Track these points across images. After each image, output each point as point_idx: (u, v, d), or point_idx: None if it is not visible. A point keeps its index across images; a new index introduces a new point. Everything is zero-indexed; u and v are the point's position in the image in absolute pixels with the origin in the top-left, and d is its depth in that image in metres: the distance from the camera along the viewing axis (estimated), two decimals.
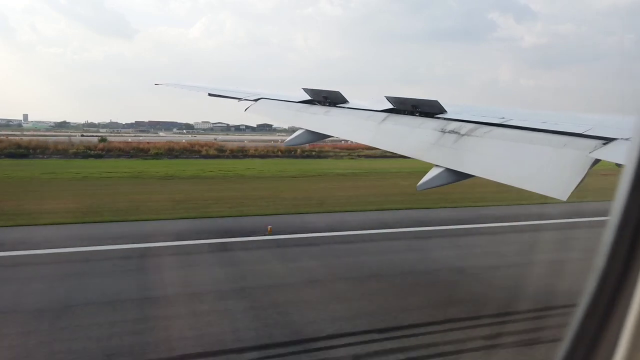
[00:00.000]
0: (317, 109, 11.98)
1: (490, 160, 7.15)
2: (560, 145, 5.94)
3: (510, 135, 7.05)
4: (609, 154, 5.33)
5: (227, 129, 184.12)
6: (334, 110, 11.47)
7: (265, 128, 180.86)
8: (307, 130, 11.41)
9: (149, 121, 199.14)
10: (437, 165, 7.80)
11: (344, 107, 11.36)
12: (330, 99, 11.75)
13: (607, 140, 5.55)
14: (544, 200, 5.95)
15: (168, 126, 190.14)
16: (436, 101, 9.02)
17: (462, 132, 7.90)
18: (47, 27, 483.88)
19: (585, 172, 5.34)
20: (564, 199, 5.34)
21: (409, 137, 9.10)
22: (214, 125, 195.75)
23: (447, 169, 7.56)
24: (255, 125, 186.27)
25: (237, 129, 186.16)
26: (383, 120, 9.93)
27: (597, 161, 5.43)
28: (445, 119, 8.55)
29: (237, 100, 14.18)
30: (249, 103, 13.63)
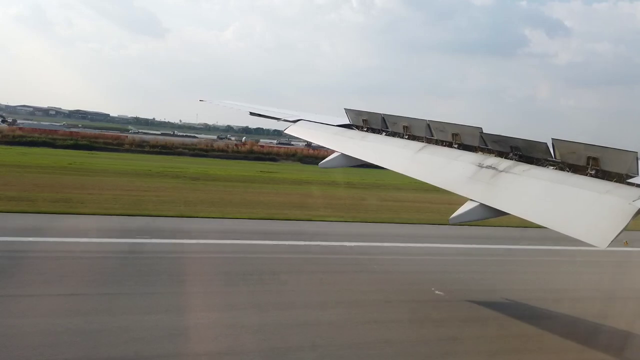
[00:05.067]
0: (354, 133, 12.08)
1: (529, 200, 7.01)
2: (603, 191, 5.76)
3: (550, 176, 6.89)
4: None
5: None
6: (370, 136, 11.53)
7: (77, 114, 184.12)
8: (343, 154, 11.51)
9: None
10: (471, 200, 7.69)
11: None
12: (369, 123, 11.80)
13: None
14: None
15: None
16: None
17: (500, 168, 7.78)
18: (82, 23, 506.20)
19: (628, 221, 5.16)
20: (603, 247, 5.17)
21: (445, 169, 9.02)
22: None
23: (482, 205, 7.45)
24: (67, 111, 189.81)
25: (46, 113, 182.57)
26: (420, 149, 9.90)
27: None
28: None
29: (276, 120, 14.51)
30: (288, 124, 13.91)
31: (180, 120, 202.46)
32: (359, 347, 9.17)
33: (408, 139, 10.50)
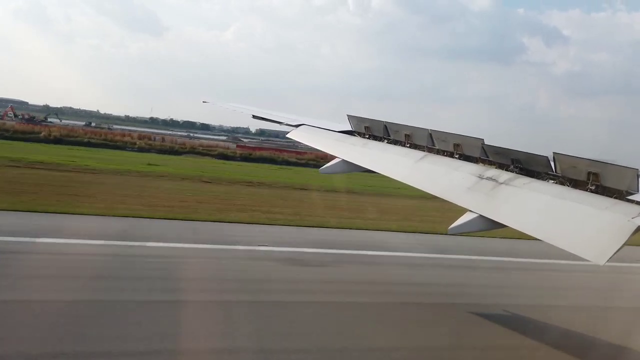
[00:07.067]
0: (356, 140, 12.08)
1: (528, 213, 6.99)
2: (602, 207, 5.75)
3: (550, 190, 6.88)
4: None
5: None
6: (371, 144, 11.53)
7: None
8: (343, 160, 11.52)
9: None
10: (470, 211, 7.68)
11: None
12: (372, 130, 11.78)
13: None
14: None
15: None
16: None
17: (501, 180, 7.77)
18: (81, 20, 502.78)
19: (626, 238, 5.15)
20: (601, 263, 5.16)
21: (445, 179, 9.01)
22: None
23: (481, 216, 7.43)
24: None
25: None
26: (421, 158, 9.89)
27: (639, 228, 5.23)
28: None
29: (278, 124, 14.53)
30: (290, 128, 13.92)
31: (98, 110, 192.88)
32: None
33: (409, 147, 10.49)
